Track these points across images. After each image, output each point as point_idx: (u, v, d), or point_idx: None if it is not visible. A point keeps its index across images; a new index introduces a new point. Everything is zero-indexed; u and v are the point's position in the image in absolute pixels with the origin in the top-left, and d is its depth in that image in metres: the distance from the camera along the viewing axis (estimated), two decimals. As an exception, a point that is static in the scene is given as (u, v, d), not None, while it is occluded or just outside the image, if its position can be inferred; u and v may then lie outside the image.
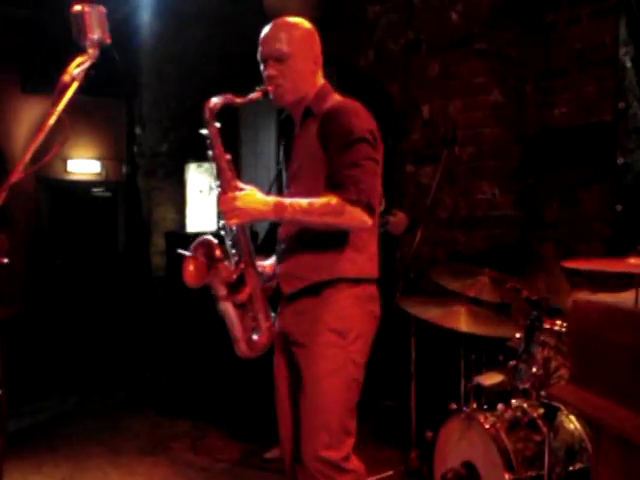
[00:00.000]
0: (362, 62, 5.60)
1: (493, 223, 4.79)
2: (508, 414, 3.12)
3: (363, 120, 2.42)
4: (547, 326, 3.07)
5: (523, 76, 4.63)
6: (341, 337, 2.40)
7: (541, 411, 3.00)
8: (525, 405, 3.13)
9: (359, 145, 2.34)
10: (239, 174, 2.43)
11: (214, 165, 2.44)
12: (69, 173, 6.96)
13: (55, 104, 1.75)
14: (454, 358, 3.66)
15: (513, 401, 3.20)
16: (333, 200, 2.27)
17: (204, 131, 2.40)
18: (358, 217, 2.29)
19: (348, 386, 2.43)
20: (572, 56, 4.39)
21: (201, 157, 4.97)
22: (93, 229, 7.11)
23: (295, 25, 2.51)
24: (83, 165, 7.07)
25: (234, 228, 2.41)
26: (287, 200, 2.32)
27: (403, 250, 4.70)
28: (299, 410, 2.46)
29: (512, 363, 3.19)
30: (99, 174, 7.26)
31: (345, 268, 2.44)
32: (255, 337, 2.46)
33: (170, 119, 7.20)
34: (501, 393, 3.27)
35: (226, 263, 2.41)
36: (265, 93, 2.45)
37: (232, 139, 5.85)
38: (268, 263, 2.64)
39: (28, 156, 1.73)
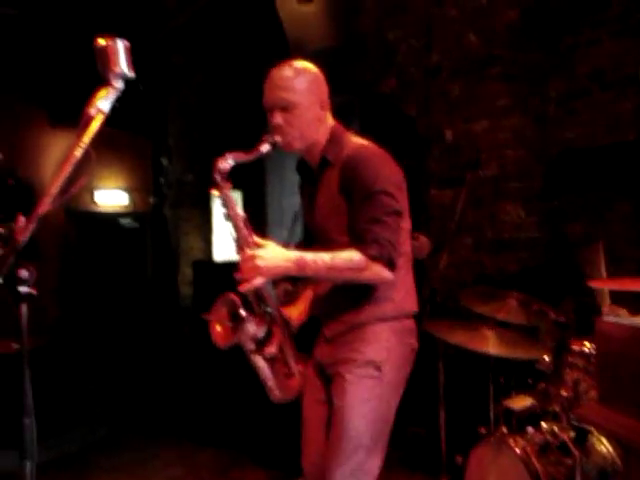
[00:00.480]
0: (384, 88, 5.63)
1: (520, 246, 4.77)
2: (538, 437, 3.10)
3: (384, 168, 2.39)
4: (576, 348, 3.05)
5: (545, 97, 4.63)
6: (377, 369, 2.40)
7: (572, 434, 2.97)
8: (555, 428, 3.10)
9: (380, 197, 2.31)
10: (264, 201, 2.45)
11: (230, 224, 2.44)
12: (97, 205, 7.05)
13: (80, 136, 1.78)
14: (483, 382, 3.62)
15: (543, 424, 3.17)
16: (356, 257, 2.27)
17: (216, 194, 2.41)
18: (379, 273, 2.29)
19: (378, 417, 2.41)
20: (593, 76, 4.39)
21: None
22: (122, 259, 7.18)
23: (298, 71, 2.45)
24: (111, 196, 7.16)
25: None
26: (309, 256, 2.31)
27: (429, 274, 4.69)
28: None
29: (541, 386, 3.18)
30: (127, 205, 7.35)
31: (385, 309, 2.44)
32: (288, 382, 2.49)
33: (195, 149, 7.28)
34: (531, 416, 3.24)
35: (251, 322, 2.42)
36: (274, 144, 2.44)
37: (257, 166, 5.90)
38: (295, 312, 2.63)
39: (54, 188, 1.75)
